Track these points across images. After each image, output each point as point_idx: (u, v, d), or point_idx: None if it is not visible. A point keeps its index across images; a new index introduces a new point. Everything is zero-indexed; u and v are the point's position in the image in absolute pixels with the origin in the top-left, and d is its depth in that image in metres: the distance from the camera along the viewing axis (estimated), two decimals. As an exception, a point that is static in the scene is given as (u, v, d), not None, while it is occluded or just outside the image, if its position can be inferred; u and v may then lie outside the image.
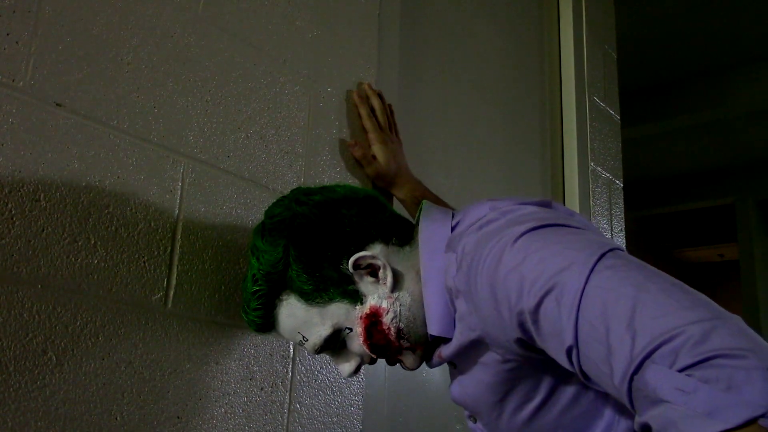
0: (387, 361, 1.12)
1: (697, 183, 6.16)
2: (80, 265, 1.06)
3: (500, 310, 0.90)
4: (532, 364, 0.98)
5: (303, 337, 1.09)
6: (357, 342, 1.08)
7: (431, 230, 1.10)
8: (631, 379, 0.74)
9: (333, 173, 1.51)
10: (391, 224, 1.12)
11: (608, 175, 2.62)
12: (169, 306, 1.16)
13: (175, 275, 1.18)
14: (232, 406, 1.24)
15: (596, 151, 2.57)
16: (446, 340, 1.07)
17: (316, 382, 1.40)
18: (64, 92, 1.07)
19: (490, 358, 1.01)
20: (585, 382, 0.85)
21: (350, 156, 1.55)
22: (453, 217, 1.11)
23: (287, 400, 1.34)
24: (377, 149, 1.54)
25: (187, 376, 1.18)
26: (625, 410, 0.97)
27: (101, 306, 1.07)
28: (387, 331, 1.06)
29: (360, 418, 1.49)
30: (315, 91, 1.50)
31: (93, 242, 1.07)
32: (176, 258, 1.18)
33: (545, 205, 1.02)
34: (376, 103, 1.59)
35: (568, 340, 0.81)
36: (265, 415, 1.30)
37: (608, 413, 0.99)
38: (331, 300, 1.06)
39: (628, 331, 0.75)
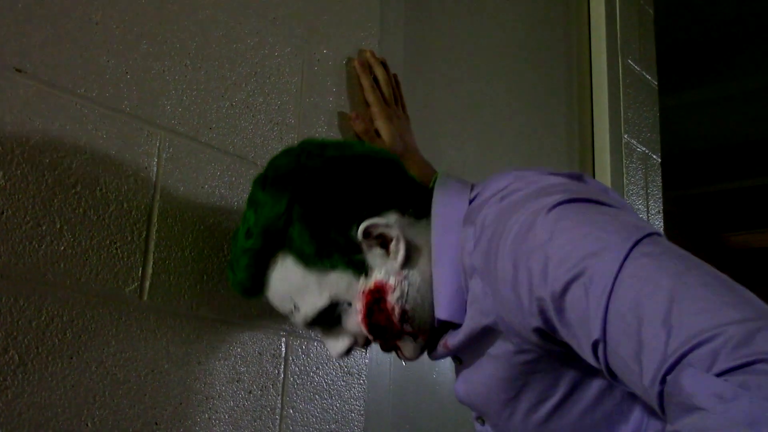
0: (382, 347, 1.13)
1: (747, 157, 6.14)
2: (45, 253, 1.07)
3: (519, 293, 0.91)
4: (551, 357, 0.98)
5: (295, 306, 1.09)
6: (354, 319, 1.09)
7: (445, 203, 1.10)
8: (663, 381, 0.75)
9: (330, 147, 1.52)
10: (410, 193, 1.12)
11: (644, 148, 2.63)
12: (145, 298, 1.18)
13: (152, 264, 1.19)
14: (216, 412, 1.26)
15: (631, 121, 2.57)
16: (454, 328, 1.08)
17: (311, 384, 1.42)
18: (24, 56, 1.08)
19: (502, 349, 1.02)
20: (611, 380, 0.86)
21: (350, 129, 1.55)
22: (472, 189, 1.12)
23: (279, 405, 1.36)
24: (381, 125, 1.54)
25: (166, 378, 1.19)
26: (655, 414, 0.98)
27: (69, 298, 1.09)
28: (390, 312, 1.07)
29: (361, 425, 1.51)
30: (309, 53, 1.51)
31: (59, 226, 1.09)
32: (152, 244, 1.20)
33: (576, 178, 1.03)
34: (379, 72, 1.60)
35: (595, 333, 0.82)
36: (254, 421, 1.32)
37: (635, 417, 1.00)
38: (333, 268, 1.06)
39: (664, 327, 0.76)
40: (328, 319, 1.10)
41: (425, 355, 1.16)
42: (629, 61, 2.62)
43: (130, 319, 1.15)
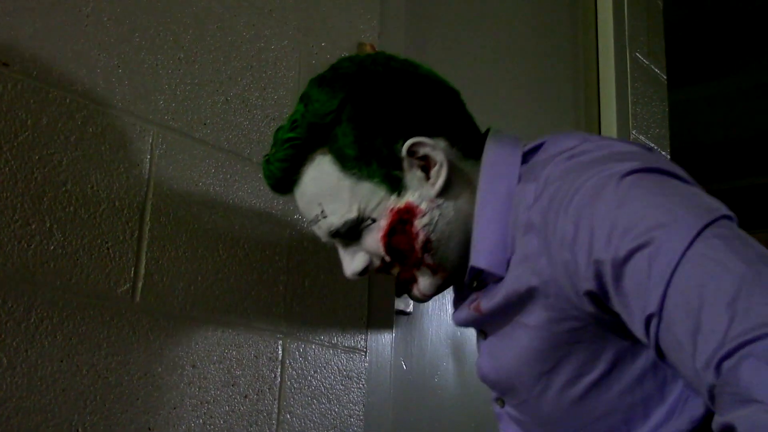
0: (398, 277, 1.13)
1: (759, 154, 6.15)
2: (34, 252, 1.07)
3: (576, 253, 0.90)
4: (597, 326, 0.97)
5: (322, 211, 1.09)
6: (375, 237, 1.08)
7: (498, 153, 1.10)
8: (718, 366, 0.75)
9: (328, 144, 1.52)
10: (464, 128, 1.13)
11: (652, 145, 2.63)
12: (138, 299, 1.18)
13: (144, 264, 1.19)
14: (211, 416, 1.26)
15: (639, 116, 2.58)
16: (480, 286, 1.08)
17: (309, 388, 1.42)
18: (12, 49, 1.08)
19: (541, 318, 1.01)
20: (658, 359, 0.86)
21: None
22: (524, 146, 1.12)
23: (276, 410, 1.36)
24: None
25: (159, 381, 1.20)
26: (691, 399, 0.98)
27: (59, 300, 1.09)
28: (413, 237, 1.07)
29: (361, 430, 1.51)
30: (306, 46, 1.51)
31: (48, 225, 1.09)
32: (145, 243, 1.20)
33: (648, 149, 1.02)
34: None
35: (652, 306, 0.82)
36: (250, 426, 1.32)
37: (672, 400, 0.99)
38: (369, 177, 1.06)
39: (728, 310, 0.76)
40: (351, 233, 1.09)
41: (425, 360, 1.16)
42: (637, 54, 2.62)
43: (122, 321, 1.16)
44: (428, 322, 1.81)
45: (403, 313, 1.73)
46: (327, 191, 1.08)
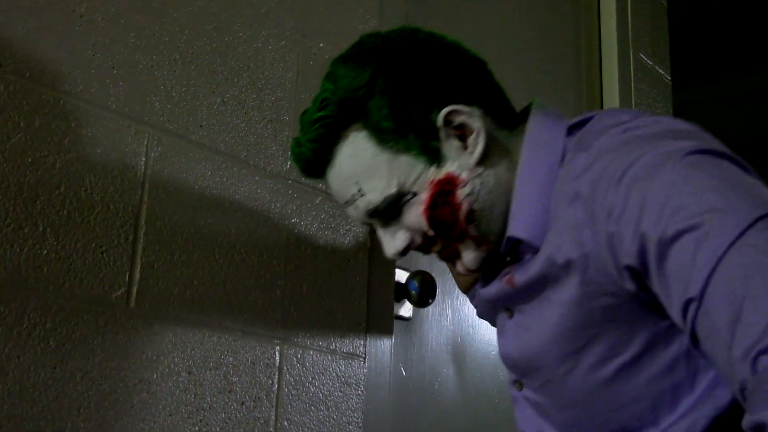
0: (441, 254, 1.11)
1: (765, 156, 6.14)
2: (26, 257, 1.07)
3: (623, 226, 0.90)
4: (632, 305, 0.96)
5: (359, 190, 1.07)
6: (416, 211, 1.07)
7: (543, 124, 1.10)
8: (755, 361, 0.75)
9: (326, 146, 1.52)
10: (497, 98, 1.12)
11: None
12: (132, 305, 1.18)
13: (139, 268, 1.19)
14: (207, 424, 1.26)
15: (642, 118, 2.57)
16: (513, 259, 1.07)
17: (306, 395, 1.42)
18: (5, 50, 1.08)
19: (575, 293, 1.00)
20: (691, 345, 0.85)
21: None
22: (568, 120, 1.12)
23: (273, 417, 1.36)
24: None
25: (155, 388, 1.19)
26: (719, 387, 0.97)
27: (52, 305, 1.09)
28: (457, 207, 1.05)
29: (359, 438, 1.51)
30: (304, 47, 1.51)
31: (42, 229, 1.09)
32: (140, 248, 1.20)
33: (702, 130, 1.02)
34: None
35: (693, 290, 0.82)
36: (247, 434, 1.32)
37: (701, 390, 0.98)
38: (406, 150, 1.05)
39: None
40: (391, 210, 1.08)
41: (425, 366, 1.16)
42: (641, 54, 2.62)
43: (116, 327, 1.16)
44: (428, 328, 1.81)
45: (402, 318, 1.73)
46: (364, 168, 1.06)
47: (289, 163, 1.44)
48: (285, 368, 1.39)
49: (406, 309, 1.73)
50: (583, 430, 1.07)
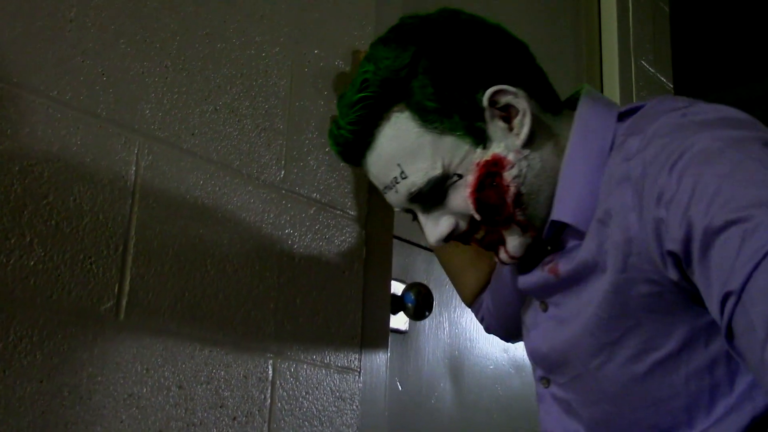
0: (484, 241, 1.11)
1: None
2: (13, 268, 1.07)
3: (671, 211, 0.90)
4: (673, 296, 0.96)
5: (402, 172, 1.07)
6: (462, 194, 1.07)
7: (593, 109, 1.11)
8: None
9: (320, 154, 1.52)
10: (540, 81, 1.13)
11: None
12: (122, 317, 1.17)
13: (129, 280, 1.19)
14: (198, 440, 1.26)
15: (644, 127, 2.57)
16: (556, 247, 1.08)
17: (300, 410, 1.42)
18: (-7, 56, 1.08)
19: (617, 279, 0.99)
20: (725, 340, 0.85)
21: (342, 134, 1.56)
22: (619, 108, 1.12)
23: (265, 433, 1.36)
24: None
25: (144, 403, 1.19)
26: (756, 390, 0.96)
27: (39, 317, 1.09)
28: (505, 190, 1.05)
29: (354, 454, 1.51)
30: (299, 53, 1.51)
31: (29, 239, 1.09)
32: (130, 259, 1.19)
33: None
34: None
35: (733, 284, 0.82)
36: (239, 450, 1.31)
37: (738, 393, 0.97)
38: (451, 131, 1.05)
39: None
40: (435, 193, 1.08)
41: (422, 380, 1.15)
42: (642, 62, 2.62)
43: (105, 340, 1.15)
44: (425, 341, 1.81)
45: (398, 331, 1.73)
46: (406, 149, 1.06)
47: (283, 173, 1.44)
48: (278, 382, 1.39)
49: (402, 322, 1.73)
50: (613, 429, 1.06)
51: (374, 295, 1.59)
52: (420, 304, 1.67)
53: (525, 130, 1.06)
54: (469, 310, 1.57)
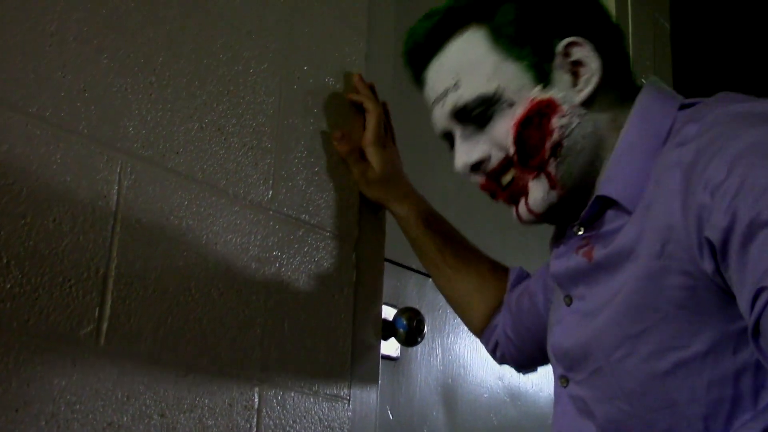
0: (509, 188, 1.15)
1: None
2: (-11, 291, 1.06)
3: (717, 199, 0.91)
4: (706, 292, 0.96)
5: (456, 83, 1.13)
6: (506, 123, 1.11)
7: (657, 93, 1.15)
8: None
9: (309, 174, 1.52)
10: (620, 61, 1.18)
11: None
12: (102, 342, 1.17)
13: (110, 304, 1.19)
14: (180, 471, 1.25)
15: (644, 147, 2.59)
16: (589, 228, 1.10)
17: (287, 440, 1.41)
18: (-29, 71, 1.08)
19: (651, 267, 1.00)
20: (751, 337, 0.87)
21: (333, 153, 1.56)
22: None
23: (251, 464, 1.35)
24: (373, 151, 1.58)
25: (124, 432, 1.19)
26: None
27: (15, 342, 1.08)
28: (548, 134, 1.09)
29: (343, 486, 1.50)
30: (288, 70, 1.52)
31: (5, 261, 1.08)
32: (111, 282, 1.19)
33: None
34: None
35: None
36: (223, 482, 1.31)
37: (761, 408, 0.96)
38: (518, 59, 1.11)
39: None
40: (480, 115, 1.13)
41: (413, 409, 1.15)
42: (643, 80, 2.63)
43: (84, 366, 1.15)
44: (416, 369, 1.80)
45: (389, 358, 1.73)
46: (470, 62, 1.13)
47: (270, 192, 1.44)
48: (264, 411, 1.38)
49: (393, 348, 1.73)
50: (626, 430, 1.06)
51: (365, 320, 1.59)
52: (412, 329, 1.68)
53: (588, 89, 1.10)
54: (463, 336, 1.57)
